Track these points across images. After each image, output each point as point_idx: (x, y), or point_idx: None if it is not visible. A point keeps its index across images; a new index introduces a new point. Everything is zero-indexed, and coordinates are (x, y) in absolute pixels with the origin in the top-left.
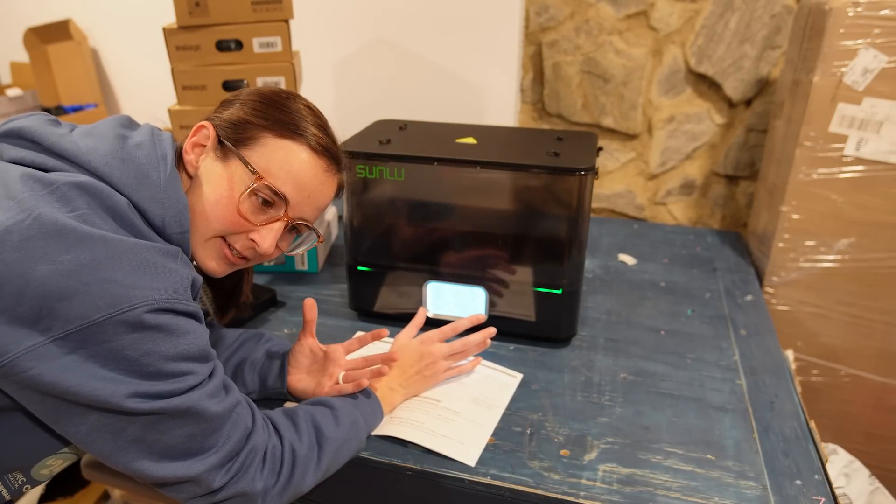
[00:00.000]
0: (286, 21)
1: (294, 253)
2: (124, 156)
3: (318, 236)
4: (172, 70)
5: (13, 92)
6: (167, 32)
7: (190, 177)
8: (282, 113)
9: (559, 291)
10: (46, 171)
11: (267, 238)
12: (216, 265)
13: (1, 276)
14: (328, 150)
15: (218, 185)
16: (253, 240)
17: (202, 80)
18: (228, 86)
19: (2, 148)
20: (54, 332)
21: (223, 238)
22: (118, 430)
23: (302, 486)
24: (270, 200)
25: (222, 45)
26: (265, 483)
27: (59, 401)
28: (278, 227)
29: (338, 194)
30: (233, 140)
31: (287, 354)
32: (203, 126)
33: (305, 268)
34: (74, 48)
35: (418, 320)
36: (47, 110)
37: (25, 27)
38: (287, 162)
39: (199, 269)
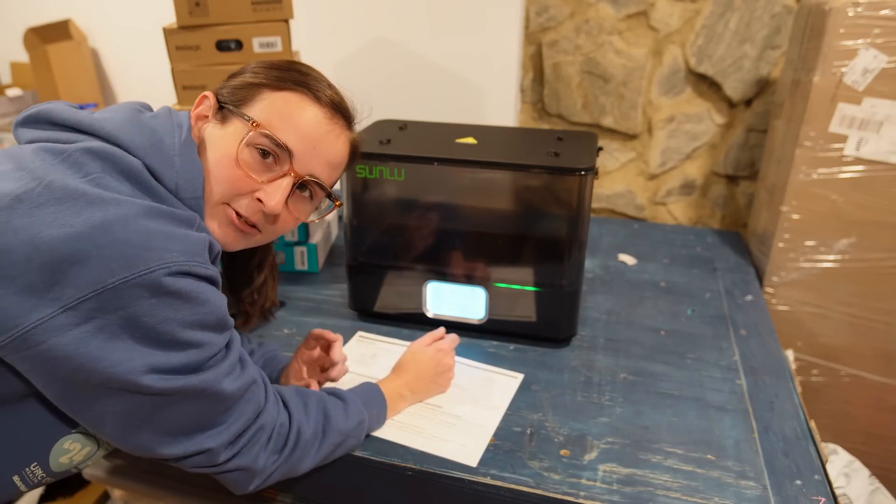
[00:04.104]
0: (286, 21)
1: (312, 220)
2: (139, 123)
3: (334, 199)
4: (172, 70)
5: (13, 92)
6: (167, 32)
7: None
8: (284, 72)
9: (559, 291)
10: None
11: (273, 195)
12: (225, 234)
13: (10, 243)
14: (332, 100)
15: (217, 145)
16: (259, 199)
17: (202, 80)
18: None
19: (22, 133)
20: (66, 301)
21: (228, 204)
22: (130, 411)
23: (297, 469)
24: (271, 151)
25: (222, 45)
26: (267, 460)
27: (70, 378)
28: (286, 183)
29: (353, 157)
30: (232, 102)
31: (282, 367)
32: (205, 96)
33: (305, 268)
34: (74, 48)
35: (437, 334)
36: None
37: (25, 27)
38: (287, 110)
39: (226, 259)
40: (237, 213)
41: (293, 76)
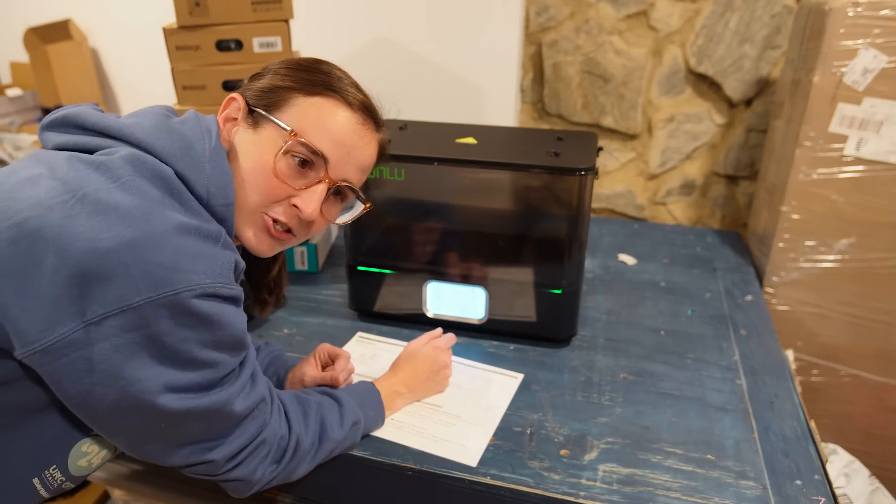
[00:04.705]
0: (286, 21)
1: (342, 222)
2: (169, 129)
3: (365, 202)
4: (172, 70)
5: (13, 92)
6: (167, 32)
7: (229, 155)
8: (311, 74)
9: (559, 291)
10: (91, 151)
11: (310, 202)
12: (260, 242)
13: (39, 253)
14: (363, 104)
15: (251, 152)
16: (295, 205)
17: (202, 80)
18: (228, 86)
19: (48, 137)
20: (89, 317)
21: (265, 211)
22: (143, 426)
23: (293, 476)
24: (308, 160)
25: (222, 45)
26: (265, 471)
27: (89, 392)
28: (321, 189)
29: (381, 157)
30: (263, 106)
31: (288, 370)
32: (233, 98)
33: (305, 268)
34: (74, 48)
35: (434, 334)
36: (47, 110)
37: (25, 27)
38: (321, 118)
39: (244, 253)
40: (273, 220)
41: (322, 79)
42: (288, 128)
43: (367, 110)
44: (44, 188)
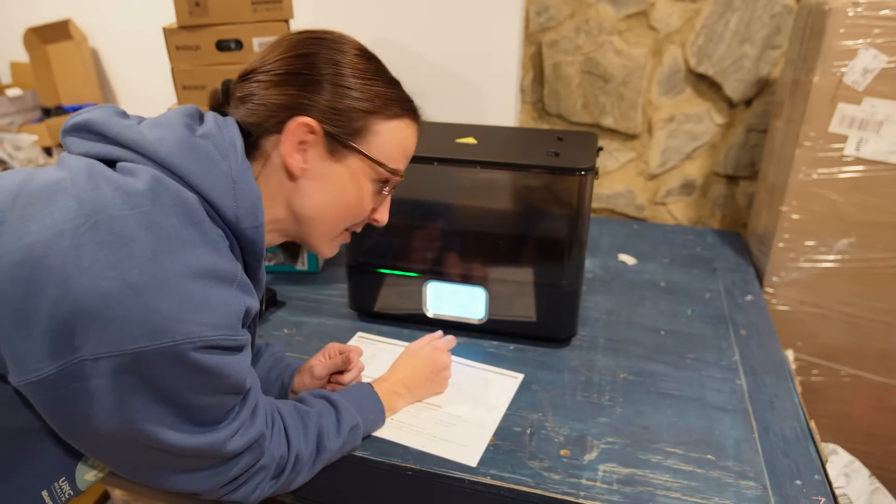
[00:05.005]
0: (286, 21)
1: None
2: (193, 146)
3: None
4: (172, 70)
5: (13, 92)
6: (167, 32)
7: (293, 177)
8: (378, 84)
9: (559, 291)
10: (113, 162)
11: (384, 214)
12: (333, 250)
13: (42, 281)
14: (416, 109)
15: (342, 187)
16: (375, 219)
17: (202, 80)
18: None
19: (70, 142)
20: (86, 353)
21: (346, 228)
22: (135, 457)
23: (291, 487)
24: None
25: (222, 45)
26: (263, 490)
27: (83, 424)
28: (389, 198)
29: None
30: (343, 134)
31: (292, 373)
32: (305, 124)
33: (305, 268)
34: (74, 48)
35: (435, 336)
36: (47, 110)
37: (25, 27)
38: (402, 143)
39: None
40: (349, 230)
41: (395, 93)
42: (394, 170)
43: (417, 112)
44: (59, 207)
